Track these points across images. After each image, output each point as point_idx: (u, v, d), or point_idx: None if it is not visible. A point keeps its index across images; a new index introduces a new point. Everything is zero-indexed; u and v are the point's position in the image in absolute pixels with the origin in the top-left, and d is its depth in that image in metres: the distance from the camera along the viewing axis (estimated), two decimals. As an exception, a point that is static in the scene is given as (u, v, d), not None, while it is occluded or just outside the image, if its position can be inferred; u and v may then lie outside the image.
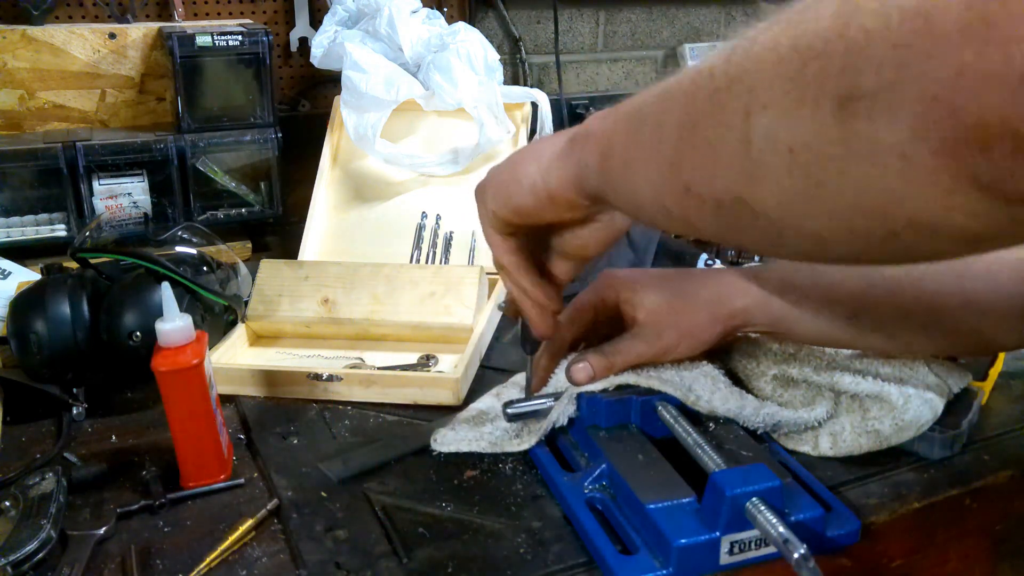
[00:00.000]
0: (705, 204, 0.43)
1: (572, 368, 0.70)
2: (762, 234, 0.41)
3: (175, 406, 0.68)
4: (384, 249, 1.14)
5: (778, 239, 0.41)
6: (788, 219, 0.39)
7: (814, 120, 0.34)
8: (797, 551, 0.52)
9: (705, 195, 0.43)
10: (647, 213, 0.50)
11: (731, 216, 0.42)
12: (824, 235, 0.38)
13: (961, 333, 0.71)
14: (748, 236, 0.43)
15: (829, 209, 0.36)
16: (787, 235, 0.40)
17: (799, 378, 0.74)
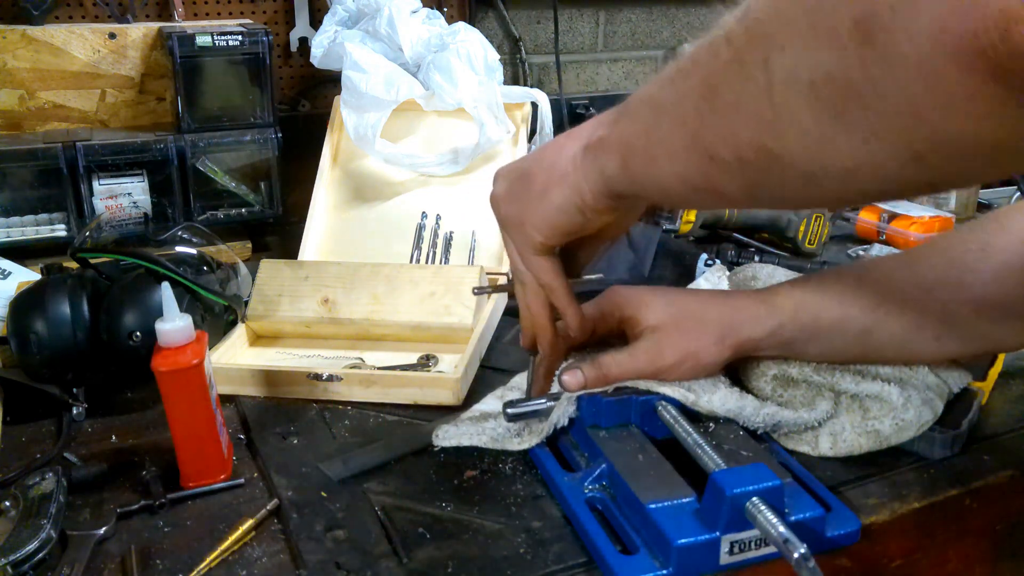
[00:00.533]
0: (731, 167, 0.44)
1: (564, 374, 0.70)
2: (790, 182, 0.42)
3: (175, 406, 0.68)
4: (384, 249, 1.14)
5: (805, 184, 0.41)
6: (814, 159, 0.39)
7: (832, 48, 0.35)
8: (797, 551, 0.52)
9: (729, 157, 0.43)
10: (676, 195, 0.52)
11: (757, 171, 0.42)
12: (850, 168, 0.38)
13: (974, 339, 0.71)
14: (776, 188, 0.44)
15: (854, 142, 0.37)
16: (814, 177, 0.40)
17: (799, 378, 0.74)
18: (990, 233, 0.72)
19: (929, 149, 0.35)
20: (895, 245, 1.25)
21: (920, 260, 0.72)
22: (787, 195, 0.45)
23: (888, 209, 1.27)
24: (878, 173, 0.38)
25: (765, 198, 0.47)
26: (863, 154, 0.37)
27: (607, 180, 0.57)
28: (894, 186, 0.40)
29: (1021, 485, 0.72)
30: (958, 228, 1.23)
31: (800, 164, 0.40)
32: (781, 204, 0.47)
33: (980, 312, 0.69)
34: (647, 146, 0.52)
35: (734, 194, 0.47)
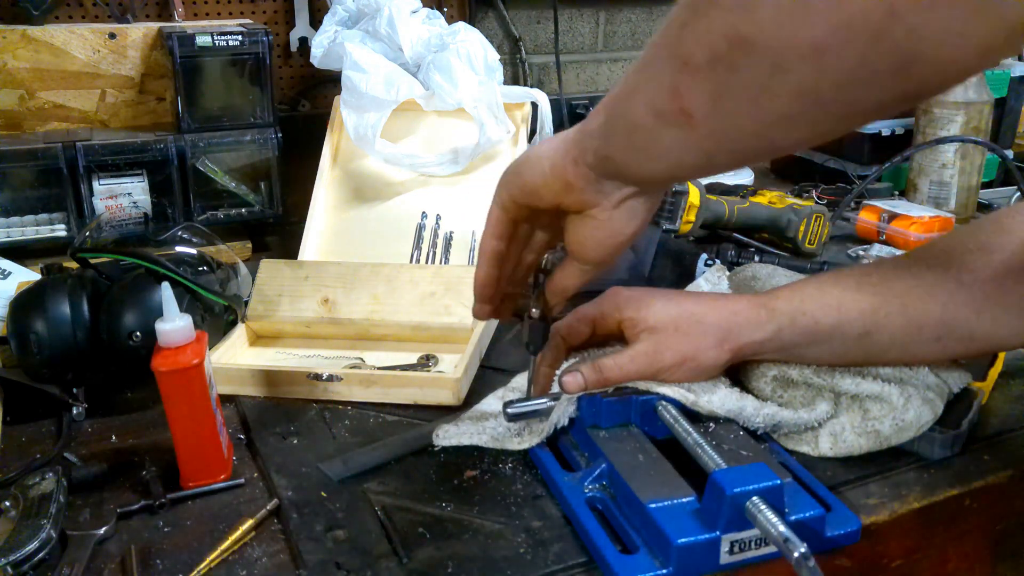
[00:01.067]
0: (700, 70, 0.44)
1: (564, 377, 0.70)
2: (760, 73, 0.42)
3: (175, 406, 0.68)
4: (384, 249, 1.14)
5: (775, 72, 0.41)
6: (785, 36, 0.40)
7: None
8: (797, 550, 0.52)
9: (701, 58, 0.44)
10: (642, 135, 0.51)
11: (726, 67, 0.43)
12: (823, 42, 0.39)
13: (975, 340, 0.71)
14: (744, 84, 0.43)
15: (828, 2, 0.37)
16: (785, 60, 0.40)
17: (799, 379, 0.74)
18: (990, 234, 0.72)
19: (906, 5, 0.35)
20: (895, 245, 1.25)
21: (920, 261, 0.72)
22: (753, 96, 0.44)
23: (888, 209, 1.27)
24: (851, 48, 0.38)
25: (731, 111, 0.45)
26: (835, 19, 0.38)
27: (583, 136, 0.57)
28: (868, 67, 0.39)
29: (1021, 485, 0.72)
30: (957, 229, 1.23)
31: (769, 46, 0.41)
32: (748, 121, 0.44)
33: (980, 313, 0.69)
34: (628, 79, 0.52)
35: (700, 107, 0.46)
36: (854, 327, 0.70)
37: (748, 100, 0.44)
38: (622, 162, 0.56)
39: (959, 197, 1.37)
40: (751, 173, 1.57)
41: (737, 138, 0.48)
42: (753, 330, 0.71)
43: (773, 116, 0.45)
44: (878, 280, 0.71)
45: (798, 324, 0.70)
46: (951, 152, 1.36)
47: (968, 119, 1.34)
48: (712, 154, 0.50)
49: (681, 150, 0.51)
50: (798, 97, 0.42)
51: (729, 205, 1.16)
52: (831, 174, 1.52)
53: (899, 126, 1.49)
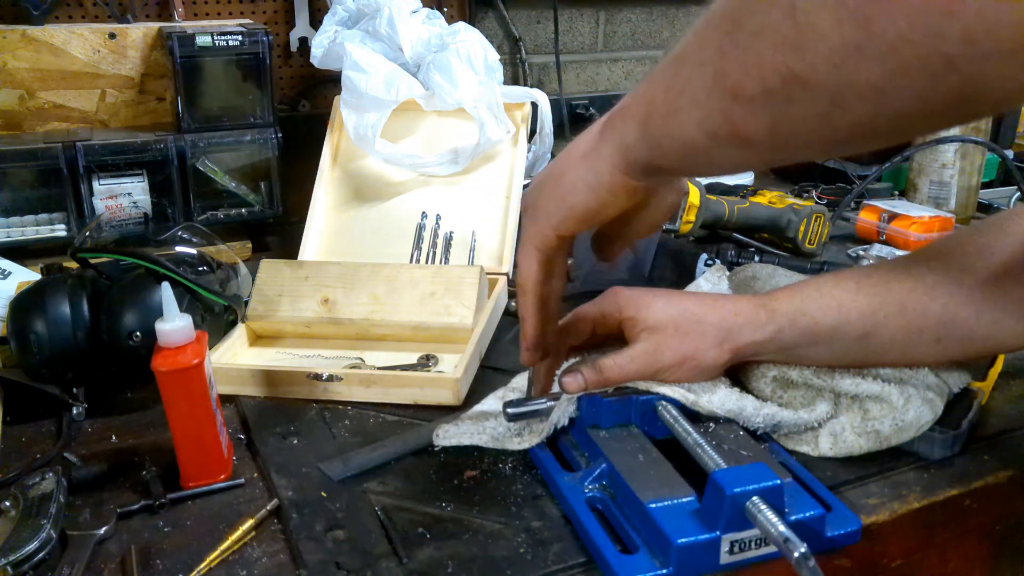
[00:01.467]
0: (754, 102, 0.44)
1: (564, 377, 0.70)
2: (817, 108, 0.41)
3: (175, 406, 0.68)
4: (384, 249, 1.14)
5: (831, 109, 0.41)
6: (842, 77, 0.39)
7: None
8: (797, 550, 0.52)
9: (754, 90, 0.43)
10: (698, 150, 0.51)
11: (782, 101, 0.42)
12: (880, 84, 0.38)
13: (975, 340, 0.71)
14: (800, 119, 0.43)
15: (881, 49, 0.37)
16: (843, 98, 0.40)
17: (799, 380, 0.74)
18: (989, 236, 0.72)
19: (960, 49, 0.34)
20: (895, 245, 1.25)
21: (919, 263, 0.72)
22: (812, 127, 0.43)
23: (888, 209, 1.27)
24: (911, 87, 0.38)
25: (789, 137, 0.45)
26: (892, 66, 0.37)
27: (625, 150, 0.56)
28: (927, 106, 0.39)
29: (1021, 485, 0.72)
30: (957, 231, 1.23)
31: (826, 84, 0.40)
32: (806, 145, 0.44)
33: (980, 314, 0.69)
34: (667, 99, 0.51)
35: (758, 134, 0.46)
36: (854, 328, 0.70)
37: (806, 130, 0.44)
38: (676, 170, 0.58)
39: (959, 197, 1.37)
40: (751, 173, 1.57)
41: (795, 155, 0.49)
42: (753, 330, 0.71)
43: (832, 143, 0.45)
44: (878, 281, 0.71)
45: (798, 325, 0.70)
46: (951, 152, 1.36)
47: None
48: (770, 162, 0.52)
49: (740, 161, 0.53)
50: (857, 128, 0.42)
51: (729, 205, 1.16)
52: (831, 174, 1.52)
53: (899, 126, 1.49)
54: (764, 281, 0.88)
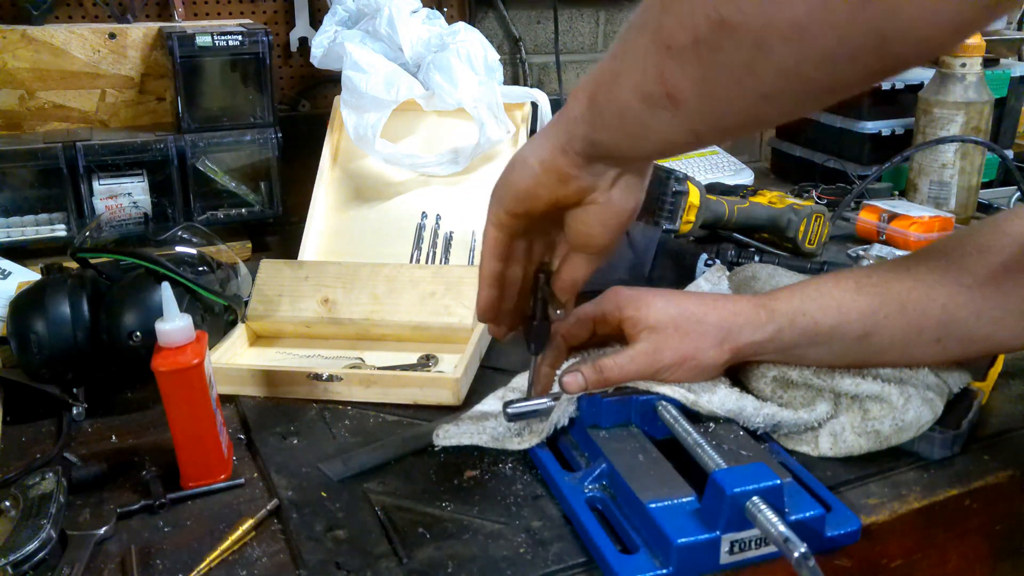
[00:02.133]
0: (685, 52, 0.45)
1: (564, 377, 0.70)
2: (742, 54, 0.43)
3: (175, 406, 0.68)
4: (384, 249, 1.14)
5: (758, 52, 0.42)
6: (767, 17, 0.41)
7: None
8: (797, 550, 0.52)
9: (685, 41, 0.45)
10: (632, 119, 0.52)
11: (709, 49, 0.44)
12: (802, 21, 0.40)
13: (975, 341, 0.71)
14: (728, 65, 0.44)
15: None
16: (766, 42, 0.42)
17: (799, 380, 0.74)
18: (988, 236, 0.72)
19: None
20: (895, 245, 1.25)
21: (919, 263, 0.72)
22: (737, 77, 0.45)
23: (888, 209, 1.27)
24: (827, 29, 0.39)
25: (716, 92, 0.46)
26: (814, 2, 0.39)
27: (568, 124, 0.56)
28: (846, 49, 0.40)
29: (1021, 485, 0.72)
30: (957, 231, 1.23)
31: (750, 27, 0.41)
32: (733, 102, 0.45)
33: (980, 314, 0.69)
34: (612, 67, 0.52)
35: (687, 91, 0.47)
36: (854, 328, 0.70)
37: (732, 81, 0.45)
38: (612, 145, 0.56)
39: (959, 197, 1.37)
40: (751, 173, 1.57)
41: (723, 116, 0.49)
42: (753, 330, 0.71)
43: (757, 95, 0.45)
44: (878, 281, 0.71)
45: (798, 325, 0.70)
46: (951, 152, 1.36)
47: (968, 119, 1.34)
48: (700, 132, 0.51)
49: (670, 130, 0.51)
50: (781, 76, 0.43)
51: (729, 205, 1.16)
52: (831, 174, 1.52)
53: (899, 126, 1.49)
54: (764, 281, 0.88)
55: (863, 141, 1.50)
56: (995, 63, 1.49)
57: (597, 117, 0.55)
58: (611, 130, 0.55)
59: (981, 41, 1.33)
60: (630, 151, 0.56)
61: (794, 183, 1.55)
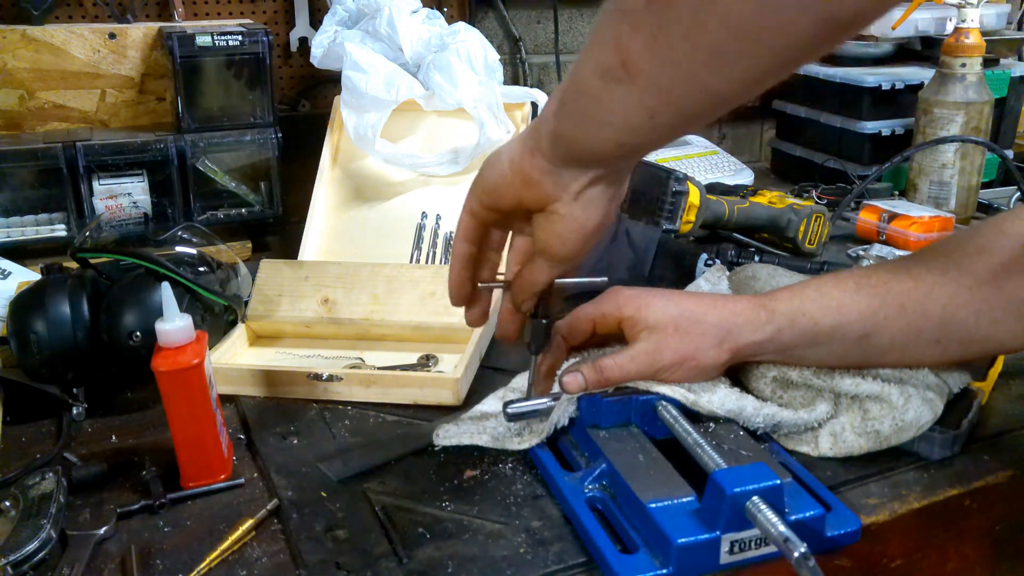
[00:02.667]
0: (638, 11, 0.46)
1: (565, 377, 0.70)
2: (691, 5, 0.44)
3: (175, 406, 0.68)
4: (384, 249, 1.14)
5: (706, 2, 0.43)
6: None
7: None
8: (797, 550, 0.52)
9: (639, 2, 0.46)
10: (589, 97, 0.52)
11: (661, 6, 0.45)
12: None
13: (975, 341, 0.71)
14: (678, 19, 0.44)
15: None
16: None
17: (799, 380, 0.74)
18: (988, 237, 0.72)
19: None
20: (895, 245, 1.25)
21: (919, 264, 0.73)
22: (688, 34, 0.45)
23: (888, 209, 1.27)
24: None
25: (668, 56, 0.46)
26: None
27: (540, 123, 0.57)
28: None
29: (1021, 485, 0.72)
30: (957, 232, 1.23)
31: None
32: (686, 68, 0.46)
33: (979, 315, 0.69)
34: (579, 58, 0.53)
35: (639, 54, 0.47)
36: (853, 329, 0.70)
37: (681, 37, 0.45)
38: (571, 136, 0.56)
39: (959, 197, 1.37)
40: (751, 173, 1.57)
41: (675, 85, 0.48)
42: (753, 331, 0.71)
43: (706, 53, 0.45)
44: (877, 282, 0.71)
45: (798, 325, 0.70)
46: (951, 152, 1.36)
47: (968, 119, 1.34)
48: (655, 112, 0.50)
49: (625, 109, 0.51)
50: (727, 28, 0.43)
51: (729, 205, 1.16)
52: (831, 174, 1.52)
53: (899, 126, 1.49)
54: (764, 281, 0.88)
55: (863, 141, 1.50)
56: (995, 63, 1.49)
57: (561, 107, 0.55)
58: (572, 117, 0.55)
59: (981, 41, 1.33)
60: (587, 140, 0.55)
61: (794, 183, 1.55)
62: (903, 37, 1.60)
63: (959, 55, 1.33)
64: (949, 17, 1.54)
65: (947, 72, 1.34)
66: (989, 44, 1.39)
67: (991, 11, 1.65)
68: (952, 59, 1.34)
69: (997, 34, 1.66)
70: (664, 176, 1.11)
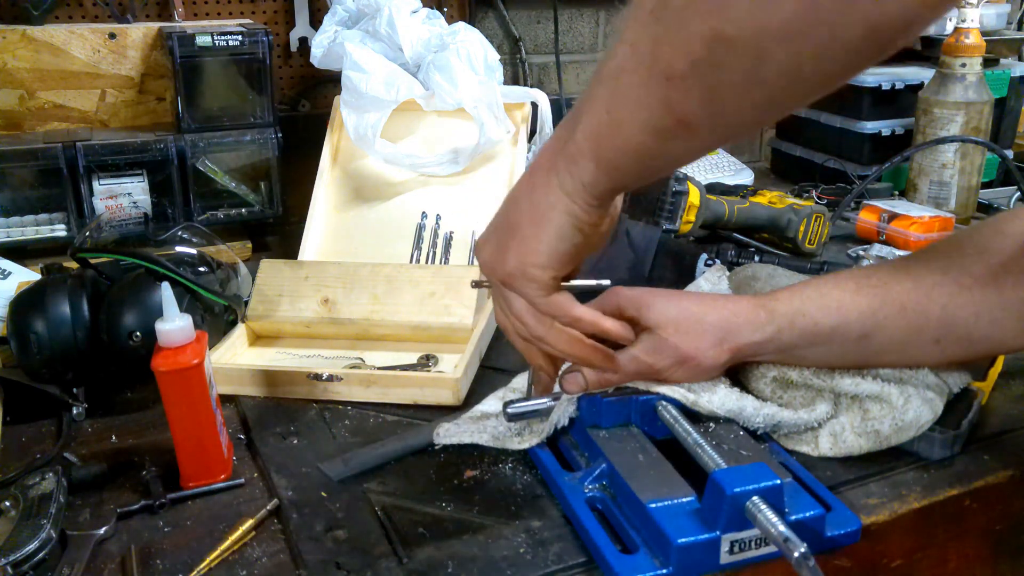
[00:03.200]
0: (687, 78, 0.46)
1: (565, 378, 0.70)
2: (744, 64, 0.44)
3: (175, 406, 0.68)
4: (384, 249, 1.14)
5: (756, 64, 0.44)
6: (759, 23, 0.42)
7: None
8: (797, 550, 0.52)
9: (684, 67, 0.46)
10: (650, 157, 0.53)
11: (710, 67, 0.45)
12: (794, 27, 0.41)
13: (974, 341, 0.71)
14: (731, 80, 0.45)
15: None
16: (763, 48, 0.43)
17: (799, 381, 0.74)
18: (987, 237, 0.72)
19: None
20: (895, 245, 1.25)
21: (918, 264, 0.73)
22: (742, 88, 0.46)
23: (888, 209, 1.27)
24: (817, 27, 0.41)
25: (724, 106, 0.47)
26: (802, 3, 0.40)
27: (589, 187, 0.57)
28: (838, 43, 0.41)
29: (1021, 485, 0.72)
30: (956, 232, 1.23)
31: (746, 38, 0.43)
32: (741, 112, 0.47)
33: (979, 315, 0.69)
34: (611, 117, 0.53)
35: (696, 113, 0.48)
36: (853, 329, 0.70)
37: (738, 93, 0.46)
38: (638, 182, 0.58)
39: (959, 197, 1.37)
40: (751, 173, 1.57)
41: (733, 127, 0.51)
42: (753, 331, 0.71)
43: (765, 101, 0.46)
44: (877, 282, 0.71)
45: (797, 326, 0.71)
46: (951, 152, 1.36)
47: (968, 119, 1.34)
48: (711, 146, 0.54)
49: (685, 152, 0.54)
50: (782, 77, 0.44)
51: (729, 205, 1.16)
52: (831, 174, 1.52)
53: (899, 126, 1.49)
54: (764, 281, 0.88)
55: (863, 141, 1.50)
56: (995, 63, 1.49)
57: (615, 171, 0.56)
58: (631, 174, 0.56)
59: (981, 41, 1.33)
60: (647, 180, 0.59)
61: (794, 183, 1.55)
62: (903, 37, 1.60)
63: (959, 55, 1.33)
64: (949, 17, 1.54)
65: (947, 72, 1.34)
66: (989, 44, 1.39)
67: (991, 11, 1.65)
68: (952, 59, 1.34)
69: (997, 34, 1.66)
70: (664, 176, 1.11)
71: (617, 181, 0.57)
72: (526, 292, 0.63)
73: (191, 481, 0.70)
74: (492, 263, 0.63)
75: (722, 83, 0.45)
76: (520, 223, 0.61)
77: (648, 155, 0.53)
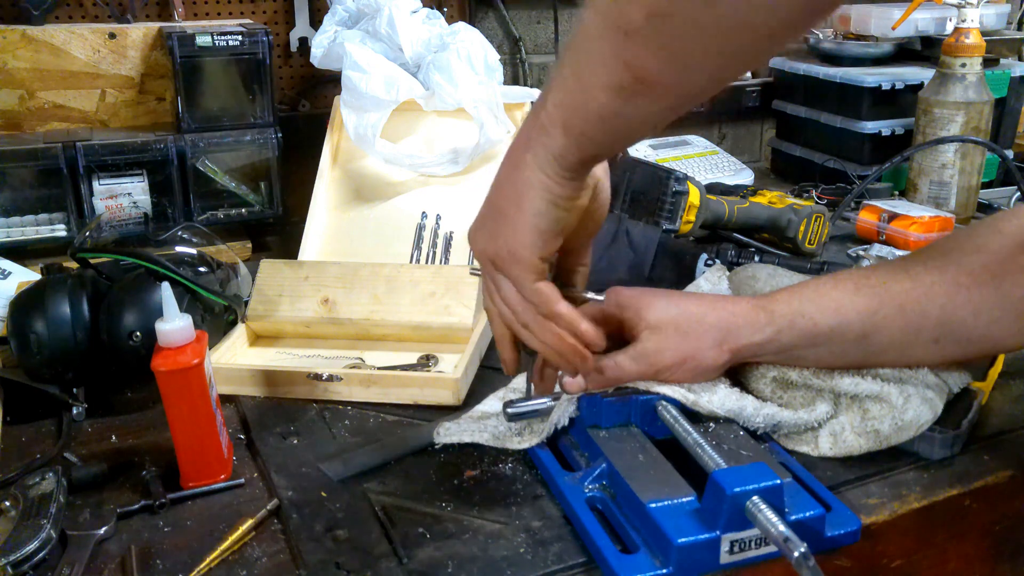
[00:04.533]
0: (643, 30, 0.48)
1: (565, 377, 0.70)
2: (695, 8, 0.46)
3: (175, 406, 0.68)
4: (384, 249, 1.14)
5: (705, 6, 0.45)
6: None
7: None
8: (797, 550, 0.52)
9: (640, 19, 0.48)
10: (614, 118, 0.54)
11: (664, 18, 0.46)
12: None
13: (973, 341, 0.71)
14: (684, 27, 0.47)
15: None
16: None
17: (799, 381, 0.74)
18: (986, 237, 0.72)
19: None
20: (895, 245, 1.25)
21: (917, 264, 0.73)
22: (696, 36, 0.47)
23: (888, 209, 1.27)
24: None
25: (681, 58, 0.49)
26: None
27: (559, 159, 0.58)
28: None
29: (1021, 485, 0.72)
30: (955, 232, 1.23)
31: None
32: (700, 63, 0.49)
33: (978, 315, 0.69)
34: (576, 80, 0.54)
35: (655, 68, 0.49)
36: (852, 329, 0.70)
37: (692, 46, 0.48)
38: (603, 150, 0.59)
39: (959, 197, 1.37)
40: (751, 173, 1.57)
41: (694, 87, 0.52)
42: (752, 331, 0.71)
43: (717, 52, 0.48)
44: (876, 283, 0.71)
45: (797, 326, 0.71)
46: (951, 152, 1.36)
47: (968, 119, 1.34)
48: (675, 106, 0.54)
49: (649, 113, 0.54)
50: (733, 27, 0.46)
51: (729, 205, 1.16)
52: (831, 174, 1.52)
53: (899, 126, 1.49)
54: (764, 281, 0.88)
55: (863, 141, 1.50)
56: (995, 63, 1.49)
57: (581, 137, 0.57)
58: (597, 140, 0.57)
59: (981, 41, 1.33)
60: (618, 147, 0.60)
61: (794, 183, 1.55)
62: (903, 37, 1.60)
63: (959, 55, 1.33)
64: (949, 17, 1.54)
65: (947, 72, 1.34)
66: (989, 44, 1.39)
67: (991, 11, 1.65)
68: (952, 59, 1.34)
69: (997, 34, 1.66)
70: (664, 176, 1.11)
71: (586, 149, 0.58)
72: (515, 275, 0.63)
73: (191, 481, 0.70)
74: (483, 247, 0.64)
75: (673, 31, 0.47)
76: (504, 206, 0.62)
77: (611, 116, 0.54)
